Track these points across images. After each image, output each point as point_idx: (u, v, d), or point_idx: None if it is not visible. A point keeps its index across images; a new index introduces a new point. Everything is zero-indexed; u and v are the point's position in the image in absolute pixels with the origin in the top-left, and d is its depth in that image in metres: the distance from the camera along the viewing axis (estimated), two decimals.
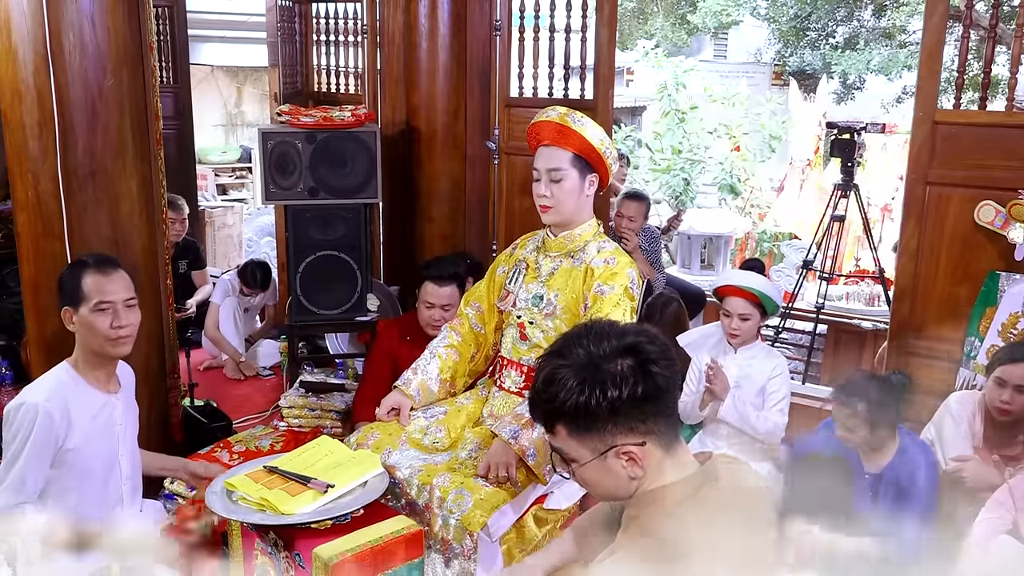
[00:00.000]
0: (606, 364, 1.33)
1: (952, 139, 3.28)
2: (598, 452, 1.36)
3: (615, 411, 1.32)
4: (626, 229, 4.45)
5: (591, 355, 1.34)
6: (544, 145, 2.53)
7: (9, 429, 2.27)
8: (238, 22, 9.59)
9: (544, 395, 1.37)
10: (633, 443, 1.34)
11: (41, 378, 2.38)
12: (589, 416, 1.33)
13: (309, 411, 3.70)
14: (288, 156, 3.70)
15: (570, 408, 1.34)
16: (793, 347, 6.12)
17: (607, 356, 1.34)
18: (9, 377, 4.27)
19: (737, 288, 3.14)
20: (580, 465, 1.38)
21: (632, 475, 1.36)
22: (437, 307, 3.32)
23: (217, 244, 7.86)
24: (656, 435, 1.36)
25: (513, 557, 2.34)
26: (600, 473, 1.38)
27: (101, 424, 2.38)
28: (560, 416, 1.36)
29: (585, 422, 1.34)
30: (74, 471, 2.33)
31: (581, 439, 1.36)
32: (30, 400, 2.26)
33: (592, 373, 1.33)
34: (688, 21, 13.81)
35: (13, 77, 2.86)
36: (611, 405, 1.32)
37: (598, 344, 1.35)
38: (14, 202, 2.99)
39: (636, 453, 1.34)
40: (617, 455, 1.35)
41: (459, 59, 4.28)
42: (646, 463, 1.36)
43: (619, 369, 1.33)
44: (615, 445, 1.35)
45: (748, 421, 3.11)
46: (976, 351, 3.23)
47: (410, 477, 2.40)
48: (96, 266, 2.38)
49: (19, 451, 2.24)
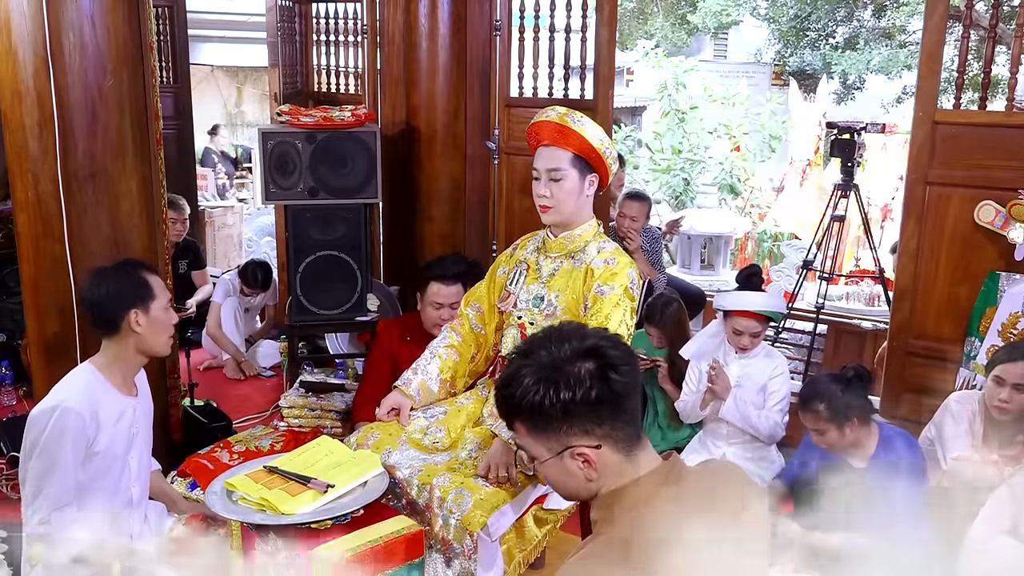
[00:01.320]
0: (566, 366, 1.35)
1: (952, 139, 3.28)
2: (554, 452, 1.39)
3: (568, 412, 1.35)
4: (629, 229, 4.46)
5: (552, 356, 1.37)
6: (544, 145, 2.53)
7: (41, 433, 2.24)
8: (238, 22, 9.59)
9: (504, 392, 1.40)
10: (587, 445, 1.36)
11: (69, 381, 2.36)
12: (543, 416, 1.36)
13: (309, 411, 3.70)
14: (288, 156, 3.70)
15: (526, 406, 1.37)
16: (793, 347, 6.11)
17: (568, 358, 1.36)
18: (9, 377, 4.27)
19: (755, 312, 3.18)
20: (540, 463, 1.42)
21: (588, 477, 1.38)
22: (445, 307, 3.32)
23: (217, 244, 7.86)
24: (613, 440, 1.37)
25: (513, 557, 2.34)
26: (558, 472, 1.41)
27: (122, 427, 2.40)
28: (517, 414, 1.40)
29: (541, 421, 1.37)
30: (94, 472, 2.34)
31: (538, 438, 1.39)
32: (64, 404, 2.25)
33: (549, 373, 1.35)
34: (688, 21, 13.81)
35: (13, 78, 2.86)
36: (564, 406, 1.34)
37: (560, 346, 1.37)
38: (14, 202, 2.99)
39: (590, 455, 1.36)
40: (572, 456, 1.37)
41: (459, 59, 4.28)
42: (601, 465, 1.37)
43: (577, 372, 1.35)
44: (570, 446, 1.37)
45: (749, 421, 3.11)
46: (976, 351, 3.23)
47: (410, 477, 2.40)
48: (147, 267, 2.44)
49: (56, 456, 2.23)
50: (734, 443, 3.23)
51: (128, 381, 2.44)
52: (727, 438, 3.24)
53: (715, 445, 3.26)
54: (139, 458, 2.48)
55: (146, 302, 2.35)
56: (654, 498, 1.36)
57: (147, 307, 2.35)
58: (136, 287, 2.35)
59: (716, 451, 3.25)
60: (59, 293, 2.99)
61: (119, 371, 2.40)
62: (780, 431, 3.17)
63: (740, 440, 3.22)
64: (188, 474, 3.23)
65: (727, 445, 3.24)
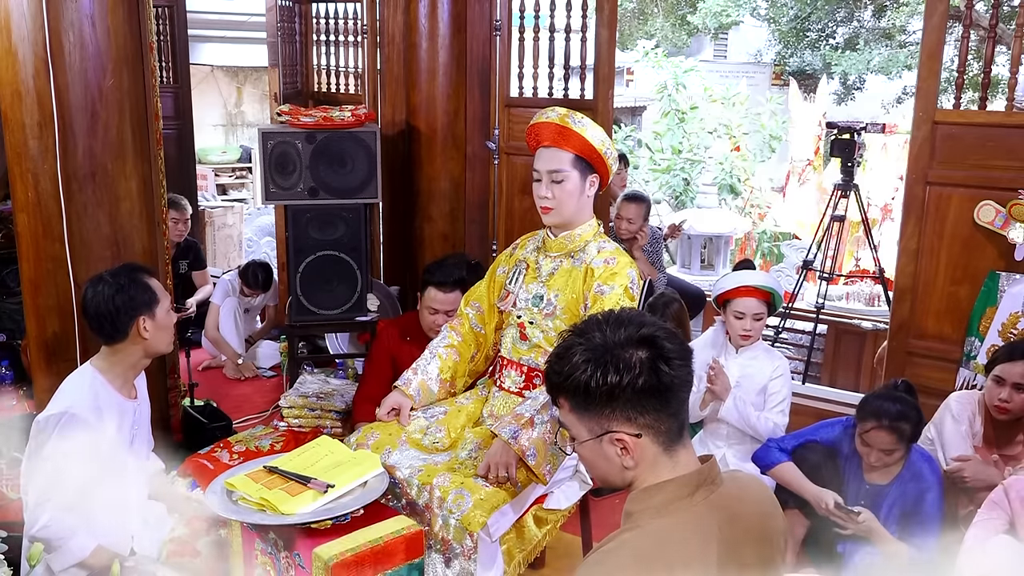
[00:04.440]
0: (619, 350, 1.34)
1: (952, 139, 3.28)
2: (595, 434, 1.38)
3: (613, 396, 1.34)
4: (626, 231, 4.46)
5: (606, 339, 1.36)
6: (544, 146, 2.53)
7: (48, 438, 2.24)
8: (238, 22, 9.59)
9: (554, 367, 1.40)
10: (627, 432, 1.36)
11: (72, 384, 2.35)
12: (588, 396, 1.35)
13: (309, 411, 3.70)
14: (288, 156, 3.70)
15: (572, 384, 1.36)
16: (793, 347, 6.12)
17: (621, 343, 1.35)
18: (9, 377, 4.27)
19: (750, 288, 3.13)
20: (579, 443, 1.42)
21: (625, 464, 1.38)
22: (441, 312, 3.32)
23: (217, 244, 7.86)
24: (655, 432, 1.36)
25: (513, 557, 2.34)
26: (595, 454, 1.41)
27: (124, 430, 2.40)
28: (563, 390, 1.39)
29: (585, 401, 1.37)
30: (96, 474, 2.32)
31: (580, 417, 1.39)
32: (71, 411, 2.24)
33: (600, 355, 1.34)
34: (688, 22, 13.83)
35: (13, 77, 2.86)
36: (610, 390, 1.33)
37: (616, 330, 1.37)
38: (14, 202, 2.99)
39: (629, 443, 1.36)
40: (612, 441, 1.37)
41: (459, 59, 4.28)
42: (638, 456, 1.37)
43: (628, 357, 1.34)
44: (611, 430, 1.36)
45: (748, 421, 3.11)
46: (976, 351, 3.23)
47: (410, 477, 2.40)
48: (147, 271, 2.42)
49: (62, 462, 2.22)
50: (734, 444, 3.22)
51: (129, 384, 2.44)
52: (727, 438, 3.23)
53: (715, 445, 3.26)
54: (138, 460, 2.49)
55: (151, 308, 2.35)
56: (687, 502, 1.35)
57: (153, 312, 2.36)
58: (140, 294, 2.35)
59: (716, 452, 3.25)
60: (59, 293, 2.99)
61: (121, 374, 2.40)
62: (780, 433, 3.16)
63: (740, 441, 3.21)
64: (188, 474, 3.23)
65: (727, 446, 3.23)
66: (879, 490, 2.68)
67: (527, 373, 2.62)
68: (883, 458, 2.62)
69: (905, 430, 2.57)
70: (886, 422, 2.56)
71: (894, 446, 2.58)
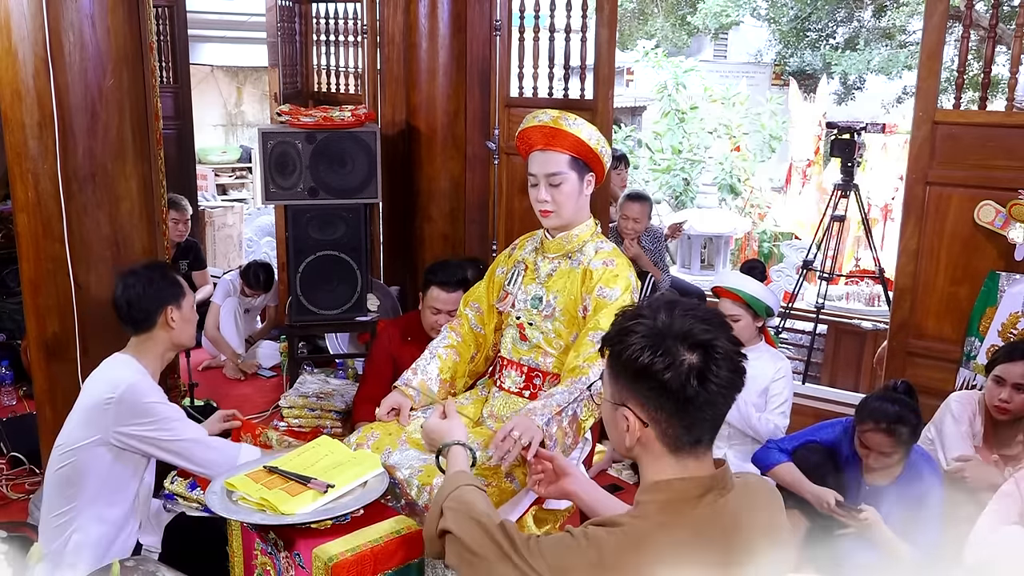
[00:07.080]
0: (670, 342, 1.34)
1: (952, 139, 3.28)
2: (614, 400, 1.42)
3: (637, 378, 1.36)
4: (632, 230, 4.47)
5: (671, 326, 1.36)
6: (538, 150, 2.51)
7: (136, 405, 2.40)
8: (238, 22, 9.60)
9: (616, 322, 1.43)
10: (638, 417, 1.38)
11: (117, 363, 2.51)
12: (620, 364, 1.39)
13: (309, 411, 3.70)
14: (288, 156, 3.70)
15: (616, 347, 1.39)
16: (793, 347, 6.12)
17: (678, 336, 1.34)
18: (9, 377, 4.27)
19: (725, 289, 3.20)
20: (604, 399, 1.47)
21: (628, 442, 1.41)
22: (444, 312, 3.31)
23: (217, 244, 7.87)
24: (662, 431, 1.37)
25: None
26: (610, 417, 1.46)
27: None
28: (610, 344, 1.42)
29: (617, 365, 1.40)
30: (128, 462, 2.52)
31: (610, 376, 1.43)
32: (135, 376, 2.44)
33: (652, 336, 1.35)
34: (688, 22, 13.82)
35: (13, 77, 2.85)
36: (638, 370, 1.35)
37: (683, 320, 1.36)
38: (14, 202, 2.99)
39: (632, 423, 1.39)
40: (623, 415, 1.40)
41: (459, 59, 4.28)
42: (643, 441, 1.39)
43: (672, 351, 1.33)
44: (626, 405, 1.39)
45: (749, 422, 3.11)
46: (976, 351, 3.23)
47: (410, 477, 2.40)
48: (172, 268, 2.64)
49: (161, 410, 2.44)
50: (735, 444, 3.23)
51: (157, 376, 2.57)
52: (728, 439, 3.23)
53: (716, 446, 3.25)
54: None
55: (179, 300, 2.55)
56: (692, 503, 1.36)
57: (180, 304, 2.55)
58: (170, 286, 2.54)
59: (717, 452, 3.24)
60: (59, 293, 2.98)
61: (150, 364, 2.54)
62: (780, 434, 3.16)
63: (741, 441, 3.21)
64: (188, 474, 3.22)
65: (728, 446, 3.23)
66: (879, 491, 2.67)
67: (527, 373, 2.62)
68: (881, 460, 2.61)
69: (903, 433, 2.56)
70: (884, 424, 2.56)
71: (892, 448, 2.58)
